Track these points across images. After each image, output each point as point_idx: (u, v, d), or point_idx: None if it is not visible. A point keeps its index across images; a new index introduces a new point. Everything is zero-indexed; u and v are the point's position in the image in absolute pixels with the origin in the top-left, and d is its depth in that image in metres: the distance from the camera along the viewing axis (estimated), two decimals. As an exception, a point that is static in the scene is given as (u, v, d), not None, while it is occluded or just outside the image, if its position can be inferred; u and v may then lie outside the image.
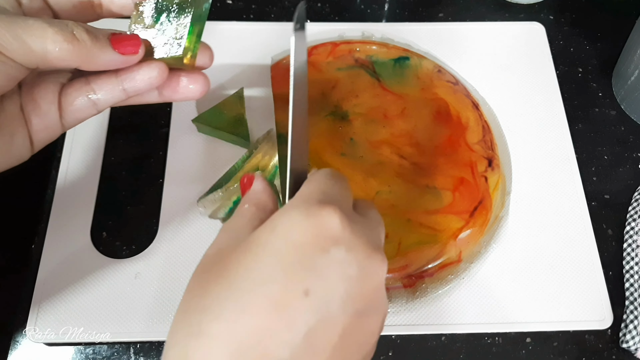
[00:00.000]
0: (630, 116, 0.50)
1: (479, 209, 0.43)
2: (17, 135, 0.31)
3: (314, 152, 0.45)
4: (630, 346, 0.39)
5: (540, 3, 0.56)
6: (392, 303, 0.40)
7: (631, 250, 0.43)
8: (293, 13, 0.54)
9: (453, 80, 0.49)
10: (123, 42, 0.31)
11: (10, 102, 0.31)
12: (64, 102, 0.32)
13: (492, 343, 0.40)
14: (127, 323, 0.39)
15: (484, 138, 0.46)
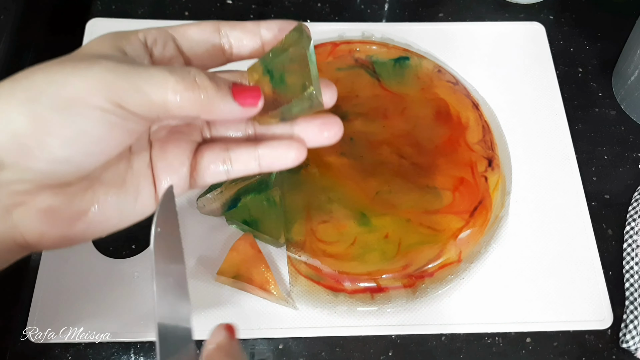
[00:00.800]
0: (630, 116, 0.50)
1: (479, 209, 0.43)
2: (143, 193, 0.30)
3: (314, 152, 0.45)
4: (630, 346, 0.39)
5: (540, 3, 0.56)
6: (392, 303, 0.40)
7: (631, 250, 0.43)
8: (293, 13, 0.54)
9: (453, 80, 0.49)
10: (244, 93, 0.29)
11: (138, 158, 0.30)
12: (198, 165, 0.31)
13: (492, 343, 0.40)
14: (127, 323, 0.39)
15: (484, 138, 0.46)
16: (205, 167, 0.31)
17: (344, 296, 0.40)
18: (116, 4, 0.54)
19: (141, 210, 0.30)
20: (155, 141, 0.31)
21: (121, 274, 0.41)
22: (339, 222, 0.42)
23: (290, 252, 0.41)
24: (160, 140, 0.31)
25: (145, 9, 0.53)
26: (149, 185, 0.30)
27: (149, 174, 0.30)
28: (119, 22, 0.52)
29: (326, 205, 0.42)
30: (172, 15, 0.53)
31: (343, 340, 0.40)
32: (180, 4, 0.54)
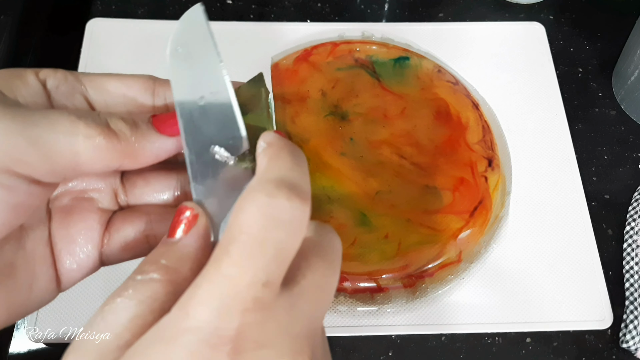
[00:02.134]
0: (630, 116, 0.50)
1: (479, 209, 0.43)
2: (40, 279, 0.24)
3: (314, 152, 0.45)
4: (630, 346, 0.39)
5: (540, 3, 0.56)
6: (392, 303, 0.40)
7: (631, 250, 0.43)
8: (293, 13, 0.54)
9: (453, 80, 0.49)
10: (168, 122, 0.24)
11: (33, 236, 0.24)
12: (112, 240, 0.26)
13: (492, 343, 0.40)
14: (127, 323, 0.39)
15: (484, 138, 0.46)
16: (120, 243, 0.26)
17: (344, 296, 0.40)
18: (116, 4, 0.54)
19: (39, 300, 0.25)
20: (56, 211, 0.25)
21: (121, 274, 0.40)
22: (339, 222, 0.42)
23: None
24: (61, 210, 0.25)
25: (145, 9, 0.53)
26: (47, 268, 0.25)
27: (47, 254, 0.25)
28: (119, 22, 0.52)
29: (326, 205, 0.42)
30: (172, 15, 0.53)
31: (343, 340, 0.40)
32: (180, 4, 0.54)
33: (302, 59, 0.49)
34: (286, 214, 0.19)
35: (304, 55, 0.49)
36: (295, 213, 0.19)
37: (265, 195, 0.19)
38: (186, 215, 0.22)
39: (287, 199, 0.19)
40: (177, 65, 0.24)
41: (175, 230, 0.22)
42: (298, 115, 0.46)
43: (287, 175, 0.20)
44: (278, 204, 0.19)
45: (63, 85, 0.24)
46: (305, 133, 0.45)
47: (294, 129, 0.46)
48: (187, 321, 0.18)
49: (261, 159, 0.21)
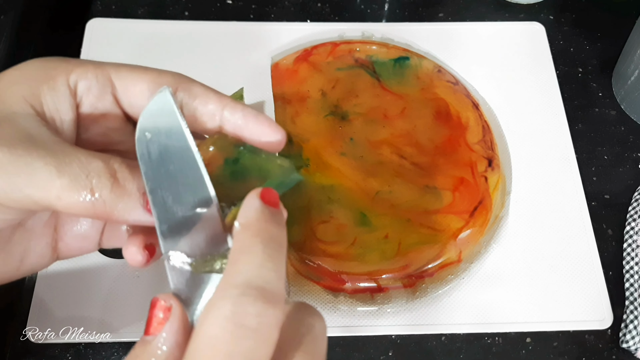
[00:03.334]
0: (630, 116, 0.50)
1: (479, 209, 0.43)
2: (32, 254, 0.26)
3: (314, 151, 0.45)
4: (630, 346, 0.39)
5: (540, 3, 0.56)
6: (392, 303, 0.40)
7: (631, 250, 0.43)
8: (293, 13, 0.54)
9: (453, 80, 0.49)
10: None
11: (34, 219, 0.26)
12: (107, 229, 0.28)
13: (492, 343, 0.40)
14: (127, 323, 0.39)
15: (484, 138, 0.46)
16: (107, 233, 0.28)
17: (344, 296, 0.40)
18: (116, 4, 0.54)
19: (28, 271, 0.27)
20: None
21: (121, 274, 0.41)
22: (339, 222, 0.42)
23: (290, 252, 0.41)
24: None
25: (145, 9, 0.53)
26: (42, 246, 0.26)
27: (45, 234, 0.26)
28: (119, 22, 0.52)
29: (326, 205, 0.42)
30: (172, 15, 0.53)
31: (343, 340, 0.40)
32: (181, 4, 0.54)
33: (302, 59, 0.49)
34: (254, 322, 0.18)
35: (304, 55, 0.49)
36: (264, 320, 0.19)
37: (230, 303, 0.19)
38: (159, 309, 0.21)
39: (252, 306, 0.19)
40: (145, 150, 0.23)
41: (149, 327, 0.21)
42: (298, 115, 0.46)
43: (256, 276, 0.19)
44: (243, 312, 0.18)
45: (94, 87, 0.25)
46: (305, 133, 0.45)
47: (294, 129, 0.46)
48: None
49: (233, 248, 0.21)
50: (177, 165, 0.23)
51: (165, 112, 0.24)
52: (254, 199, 0.22)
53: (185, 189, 0.23)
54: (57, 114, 0.24)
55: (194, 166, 0.23)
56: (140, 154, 0.24)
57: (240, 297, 0.19)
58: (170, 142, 0.24)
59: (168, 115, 0.24)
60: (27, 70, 0.25)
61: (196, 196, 0.23)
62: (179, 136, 0.24)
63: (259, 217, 0.21)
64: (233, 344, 0.18)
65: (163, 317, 0.21)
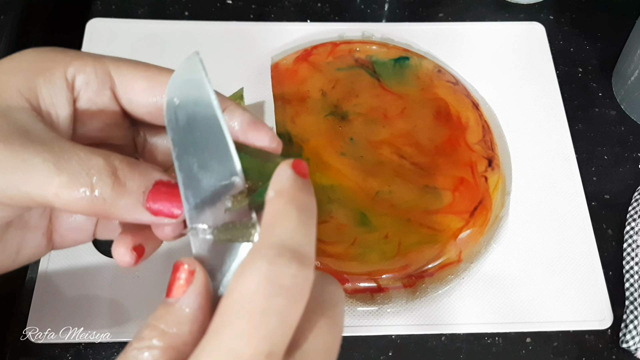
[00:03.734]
0: (630, 116, 0.50)
1: (479, 209, 0.43)
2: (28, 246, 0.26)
3: (314, 151, 0.45)
4: (630, 346, 0.39)
5: (540, 3, 0.56)
6: (392, 303, 0.40)
7: (631, 250, 0.43)
8: (293, 13, 0.54)
9: (453, 80, 0.49)
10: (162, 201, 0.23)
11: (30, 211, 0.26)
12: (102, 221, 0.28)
13: (492, 343, 0.40)
14: (127, 323, 0.39)
15: (484, 138, 0.46)
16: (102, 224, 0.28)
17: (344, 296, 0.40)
18: (116, 4, 0.54)
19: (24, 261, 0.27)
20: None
21: (121, 274, 0.41)
22: (339, 222, 0.42)
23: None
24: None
25: (145, 9, 0.53)
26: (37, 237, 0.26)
27: (41, 226, 0.26)
28: (119, 22, 0.52)
29: (326, 205, 0.42)
30: (172, 15, 0.53)
31: (343, 340, 0.39)
32: (180, 4, 0.54)
33: (302, 59, 0.49)
34: (288, 281, 0.19)
35: (304, 55, 0.49)
36: (298, 280, 0.19)
37: (267, 262, 0.19)
38: (182, 272, 0.21)
39: (288, 266, 0.19)
40: (173, 116, 0.23)
41: (172, 289, 0.21)
42: (298, 115, 0.46)
43: (291, 238, 0.20)
44: (280, 271, 0.19)
45: (93, 81, 0.25)
46: (305, 133, 0.45)
47: (294, 129, 0.46)
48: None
49: (267, 214, 0.21)
50: (204, 133, 0.23)
51: (194, 78, 0.23)
52: (286, 168, 0.21)
53: (212, 158, 0.23)
54: (53, 109, 0.24)
55: (220, 136, 0.23)
56: (168, 120, 0.24)
57: (277, 257, 0.19)
58: (198, 109, 0.23)
59: (196, 81, 0.23)
60: (23, 61, 0.24)
61: (222, 166, 0.23)
62: (206, 104, 0.23)
63: (292, 185, 0.21)
64: (268, 301, 0.18)
65: (186, 280, 0.21)
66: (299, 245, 0.20)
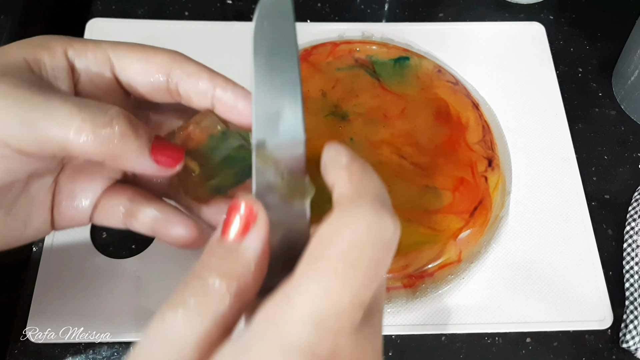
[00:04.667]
0: (630, 116, 0.50)
1: (479, 209, 0.43)
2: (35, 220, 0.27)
3: (314, 152, 0.45)
4: (630, 346, 0.39)
5: (540, 3, 0.56)
6: (392, 303, 0.40)
7: (631, 250, 0.43)
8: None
9: (453, 80, 0.49)
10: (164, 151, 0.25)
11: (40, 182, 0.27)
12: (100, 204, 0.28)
13: (492, 343, 0.40)
14: (127, 323, 0.39)
15: (484, 138, 0.46)
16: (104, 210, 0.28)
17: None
18: (116, 4, 0.54)
19: (31, 237, 0.27)
20: (68, 166, 0.28)
21: (121, 274, 0.41)
22: (339, 222, 0.42)
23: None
24: (73, 167, 0.28)
25: (145, 9, 0.54)
26: (44, 212, 0.27)
27: (47, 201, 0.27)
28: (119, 22, 0.52)
29: (326, 205, 0.42)
30: (172, 15, 0.53)
31: (343, 340, 0.40)
32: (180, 4, 0.54)
33: (302, 59, 0.49)
34: (390, 234, 0.19)
35: (304, 55, 0.49)
36: (395, 236, 0.19)
37: (374, 212, 0.19)
38: (242, 211, 0.20)
39: (391, 220, 0.19)
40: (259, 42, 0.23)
41: (229, 228, 0.20)
42: (298, 115, 0.46)
43: (381, 194, 0.20)
44: (385, 223, 0.19)
45: (93, 65, 0.26)
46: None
47: (294, 129, 0.46)
48: (279, 337, 0.17)
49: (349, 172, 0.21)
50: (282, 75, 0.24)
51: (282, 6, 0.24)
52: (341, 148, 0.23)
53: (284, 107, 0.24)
54: (55, 81, 0.25)
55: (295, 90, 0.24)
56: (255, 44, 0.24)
57: (382, 210, 0.19)
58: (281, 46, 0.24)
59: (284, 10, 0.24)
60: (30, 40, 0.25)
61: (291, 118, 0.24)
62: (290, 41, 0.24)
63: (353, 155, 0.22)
64: (374, 252, 0.18)
65: (247, 222, 0.20)
66: (388, 202, 0.20)
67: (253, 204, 0.21)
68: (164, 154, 0.25)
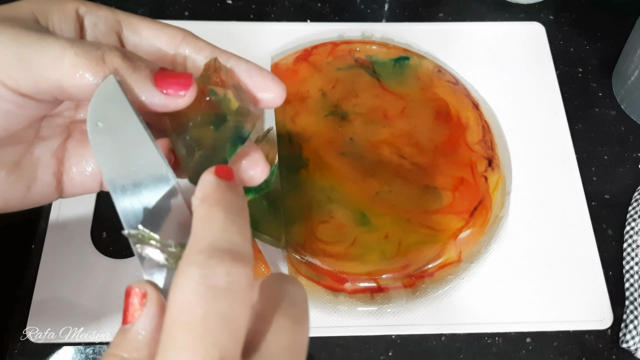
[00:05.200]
0: (630, 116, 0.50)
1: (479, 209, 0.43)
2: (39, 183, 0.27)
3: (314, 151, 0.45)
4: (630, 346, 0.39)
5: (540, 3, 0.56)
6: (392, 303, 0.40)
7: (631, 250, 0.43)
8: (293, 13, 0.54)
9: (453, 80, 0.49)
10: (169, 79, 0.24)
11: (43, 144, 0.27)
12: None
13: (492, 343, 0.40)
14: (127, 323, 0.39)
15: (484, 138, 0.46)
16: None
17: (344, 296, 0.40)
18: (116, 4, 0.54)
19: (33, 201, 0.27)
20: (77, 132, 0.28)
21: (121, 274, 0.41)
22: (339, 222, 0.42)
23: (290, 252, 0.41)
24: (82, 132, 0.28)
25: (145, 9, 0.53)
26: (48, 176, 0.27)
27: (51, 164, 0.27)
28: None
29: (326, 205, 0.42)
30: (172, 15, 0.53)
31: (343, 340, 0.40)
32: (180, 4, 0.54)
33: (302, 59, 0.49)
34: (223, 282, 0.18)
35: (304, 55, 0.49)
36: (234, 279, 0.18)
37: (198, 267, 0.18)
38: (135, 296, 0.21)
39: (221, 266, 0.18)
40: (99, 141, 0.23)
41: (127, 315, 0.21)
42: (298, 115, 0.46)
43: (220, 239, 0.19)
44: (213, 273, 0.18)
45: (101, 23, 0.26)
46: (305, 133, 0.45)
47: (294, 129, 0.46)
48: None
49: (194, 222, 0.20)
50: (134, 154, 0.23)
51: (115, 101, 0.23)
52: (208, 175, 0.22)
53: (147, 180, 0.23)
54: (60, 33, 0.25)
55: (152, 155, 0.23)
56: (94, 145, 0.23)
57: (208, 260, 0.19)
58: (125, 133, 0.23)
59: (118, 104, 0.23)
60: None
61: (159, 187, 0.23)
62: (133, 127, 0.23)
63: (216, 189, 0.21)
64: (207, 306, 0.18)
65: (140, 304, 0.21)
66: (230, 243, 0.19)
67: (140, 287, 0.21)
68: (170, 81, 0.24)
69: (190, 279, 0.18)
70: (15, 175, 0.26)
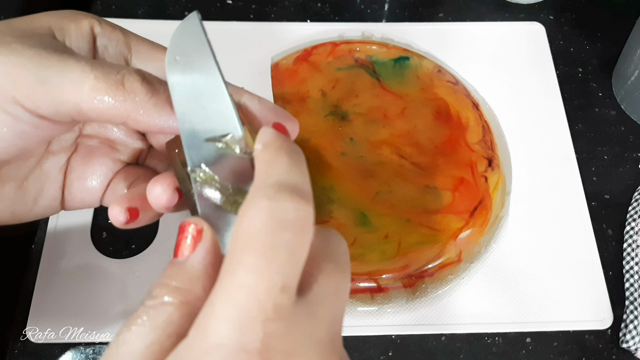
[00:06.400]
0: (630, 116, 0.50)
1: (479, 209, 0.43)
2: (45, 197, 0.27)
3: (314, 152, 0.45)
4: (630, 346, 0.39)
5: (540, 3, 0.56)
6: (392, 303, 0.40)
7: (631, 250, 0.43)
8: (293, 13, 0.54)
9: (453, 80, 0.49)
10: None
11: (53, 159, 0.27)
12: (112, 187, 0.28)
13: (492, 343, 0.40)
14: (127, 323, 0.39)
15: (484, 138, 0.46)
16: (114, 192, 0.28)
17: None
18: (116, 4, 0.54)
19: (39, 213, 0.28)
20: (82, 146, 0.28)
21: (121, 274, 0.41)
22: (339, 222, 0.42)
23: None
24: (87, 148, 0.28)
25: (145, 9, 0.54)
26: (55, 190, 0.27)
27: (58, 179, 0.27)
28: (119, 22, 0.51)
29: (326, 205, 0.42)
30: (172, 15, 0.53)
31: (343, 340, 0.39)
32: (180, 4, 0.54)
33: (302, 59, 0.49)
34: (291, 215, 0.19)
35: (304, 55, 0.49)
36: (300, 214, 0.19)
37: (267, 199, 0.19)
38: (190, 231, 0.21)
39: (289, 201, 0.19)
40: (175, 76, 0.24)
41: (179, 248, 0.21)
42: (298, 115, 0.46)
43: (286, 178, 0.20)
44: (281, 206, 0.19)
45: (112, 47, 0.26)
46: (305, 133, 0.45)
47: (294, 129, 0.46)
48: (207, 340, 0.18)
49: (259, 163, 0.21)
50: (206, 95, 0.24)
51: (194, 38, 0.24)
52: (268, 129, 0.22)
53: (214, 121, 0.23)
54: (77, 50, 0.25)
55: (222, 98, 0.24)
56: (170, 78, 0.24)
57: (277, 194, 0.19)
58: (199, 71, 0.24)
59: (197, 41, 0.24)
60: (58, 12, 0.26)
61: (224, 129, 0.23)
62: (208, 66, 0.24)
63: (277, 137, 0.22)
64: (275, 236, 0.18)
65: (194, 240, 0.21)
66: (295, 182, 0.20)
67: (197, 223, 0.21)
68: None
69: (260, 209, 0.19)
70: (24, 189, 0.26)
